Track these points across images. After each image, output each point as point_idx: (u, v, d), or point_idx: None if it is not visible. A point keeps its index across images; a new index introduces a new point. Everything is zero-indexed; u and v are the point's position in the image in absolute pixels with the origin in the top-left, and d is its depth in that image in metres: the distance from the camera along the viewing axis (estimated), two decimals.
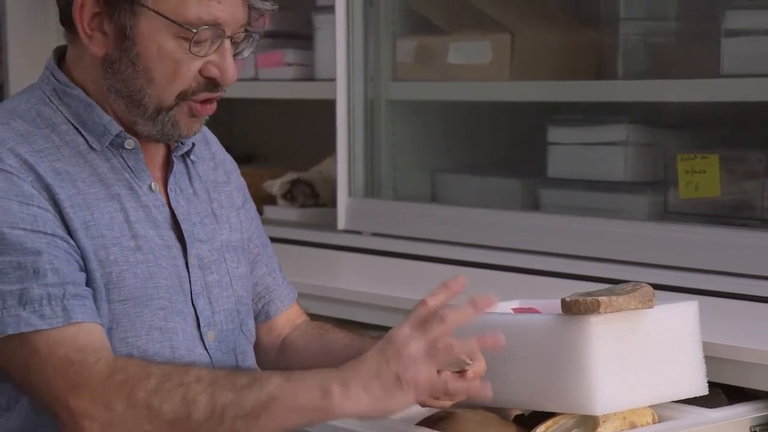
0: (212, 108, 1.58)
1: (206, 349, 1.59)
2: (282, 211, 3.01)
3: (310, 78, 3.00)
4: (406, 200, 2.80)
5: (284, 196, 3.02)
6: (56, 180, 1.50)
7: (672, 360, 1.59)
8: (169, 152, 1.64)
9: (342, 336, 1.73)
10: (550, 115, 2.62)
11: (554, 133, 2.60)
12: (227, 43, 1.54)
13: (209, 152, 1.73)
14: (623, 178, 2.49)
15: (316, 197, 3.02)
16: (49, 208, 1.49)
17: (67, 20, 1.55)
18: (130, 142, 1.57)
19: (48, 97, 1.57)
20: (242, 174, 1.81)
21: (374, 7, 2.80)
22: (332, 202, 2.85)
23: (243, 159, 3.47)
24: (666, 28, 2.59)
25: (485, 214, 2.57)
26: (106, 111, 1.56)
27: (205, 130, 1.75)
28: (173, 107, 1.54)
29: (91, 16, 1.52)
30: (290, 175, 3.04)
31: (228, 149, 1.80)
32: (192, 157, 1.67)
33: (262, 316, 1.78)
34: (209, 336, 1.60)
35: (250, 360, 1.68)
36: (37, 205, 1.48)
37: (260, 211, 3.05)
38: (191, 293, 1.59)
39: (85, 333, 1.45)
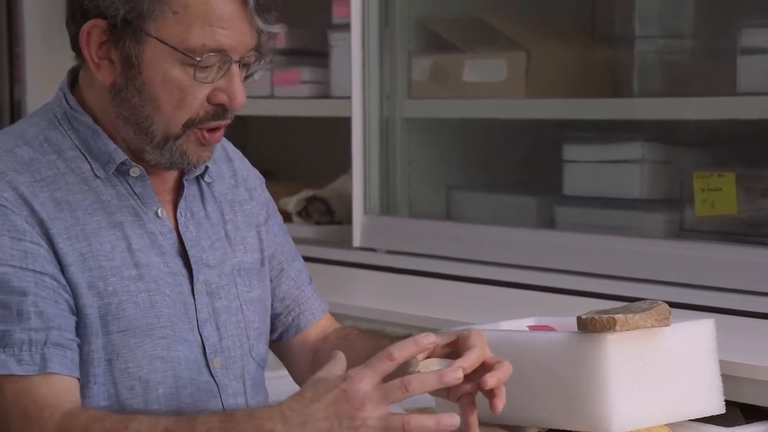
0: (220, 136, 1.55)
1: (213, 377, 1.58)
2: (297, 229, 3.01)
3: (326, 96, 3.01)
4: (421, 218, 2.80)
5: (299, 214, 3.03)
6: (54, 211, 1.49)
7: (688, 378, 1.58)
8: (181, 175, 1.62)
9: (365, 345, 1.68)
10: (565, 133, 2.62)
11: (570, 151, 2.59)
12: (235, 68, 1.51)
13: (231, 170, 1.71)
14: (639, 196, 2.49)
15: (332, 214, 3.02)
16: (42, 243, 1.48)
17: (77, 47, 1.54)
18: (135, 170, 1.56)
19: (58, 121, 1.56)
20: None
21: (389, 26, 2.81)
22: (347, 220, 2.85)
23: None
24: (682, 46, 2.59)
25: (500, 232, 2.56)
26: (114, 138, 1.55)
27: (229, 146, 1.74)
28: (180, 136, 1.52)
29: (99, 44, 1.50)
30: (305, 193, 3.04)
31: None
32: (206, 178, 1.65)
33: (292, 330, 1.76)
34: (216, 363, 1.59)
35: (260, 385, 1.67)
36: (30, 240, 1.47)
37: None
38: (197, 320, 1.58)
39: (47, 385, 1.44)
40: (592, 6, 2.87)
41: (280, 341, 1.76)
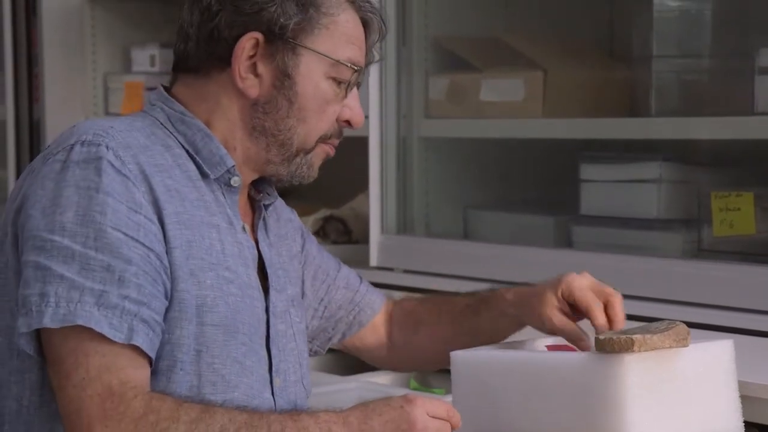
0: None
1: (273, 395, 1.60)
2: None
3: None
4: (438, 237, 2.80)
5: (317, 233, 3.03)
6: (166, 195, 1.52)
7: (707, 399, 1.57)
8: (251, 200, 1.67)
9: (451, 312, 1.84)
10: (582, 152, 2.61)
11: (587, 171, 2.59)
12: (355, 88, 1.62)
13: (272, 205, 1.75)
14: (656, 216, 2.48)
15: (349, 234, 3.02)
16: (155, 221, 1.49)
17: (187, 66, 1.60)
18: (236, 180, 1.59)
19: (161, 123, 1.59)
20: None
21: (407, 45, 2.81)
22: (365, 239, 2.85)
23: None
24: (699, 66, 2.59)
25: (518, 251, 2.56)
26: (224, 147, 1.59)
27: None
28: (312, 149, 1.61)
29: (247, 58, 1.57)
30: (323, 212, 3.05)
31: None
32: (270, 209, 1.69)
33: (355, 326, 1.84)
34: (277, 382, 1.61)
35: None
36: (144, 215, 1.49)
37: None
38: (267, 337, 1.61)
39: (133, 366, 1.45)
40: (609, 26, 2.87)
41: (344, 339, 1.85)
